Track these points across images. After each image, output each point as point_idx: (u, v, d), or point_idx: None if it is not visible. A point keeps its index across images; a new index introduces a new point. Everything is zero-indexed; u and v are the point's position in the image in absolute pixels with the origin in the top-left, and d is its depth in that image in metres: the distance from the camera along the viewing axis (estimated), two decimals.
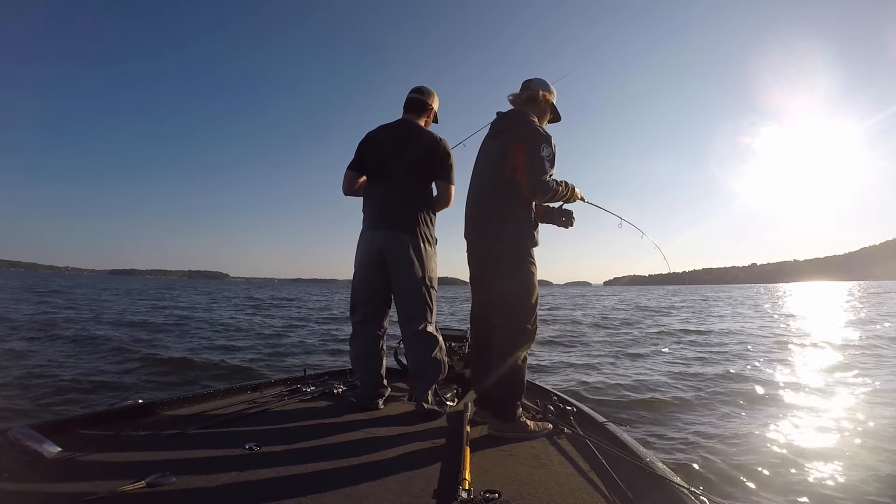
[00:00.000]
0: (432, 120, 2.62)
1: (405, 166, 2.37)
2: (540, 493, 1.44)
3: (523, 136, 2.15)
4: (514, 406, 2.05)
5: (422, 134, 2.44)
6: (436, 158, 2.40)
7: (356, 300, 2.46)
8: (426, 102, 2.53)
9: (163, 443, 1.76)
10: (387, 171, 2.40)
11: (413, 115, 2.51)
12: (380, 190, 2.40)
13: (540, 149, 2.08)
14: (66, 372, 5.80)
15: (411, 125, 2.47)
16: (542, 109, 2.32)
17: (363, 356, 2.44)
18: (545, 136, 2.13)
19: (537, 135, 2.12)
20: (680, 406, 4.77)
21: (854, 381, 5.80)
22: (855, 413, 4.42)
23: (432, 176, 2.43)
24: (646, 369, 6.86)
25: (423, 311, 2.32)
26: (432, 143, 2.41)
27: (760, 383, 5.81)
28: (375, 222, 2.38)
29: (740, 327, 13.23)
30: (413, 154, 2.38)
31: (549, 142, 2.12)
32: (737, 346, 9.48)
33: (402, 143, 2.41)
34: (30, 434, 1.54)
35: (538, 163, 2.07)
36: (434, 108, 2.57)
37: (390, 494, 1.39)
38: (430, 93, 2.55)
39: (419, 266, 2.31)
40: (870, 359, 7.52)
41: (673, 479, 1.46)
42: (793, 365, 7.15)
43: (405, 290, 2.34)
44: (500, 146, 2.22)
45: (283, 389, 2.67)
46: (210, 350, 8.18)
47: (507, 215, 2.15)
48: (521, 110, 2.30)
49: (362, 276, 2.41)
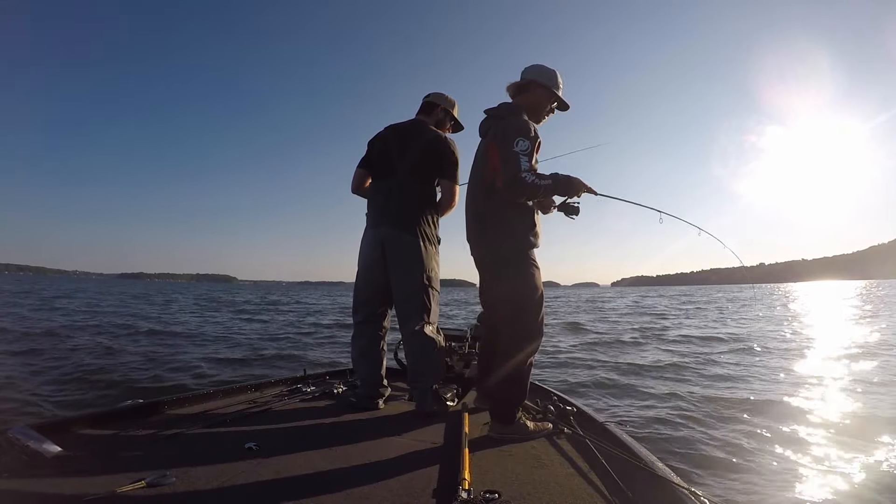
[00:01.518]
0: (449, 123, 2.62)
1: (409, 165, 2.37)
2: (540, 493, 1.43)
3: (496, 133, 2.03)
4: (514, 410, 1.99)
5: (426, 132, 2.44)
6: (440, 157, 2.40)
7: (358, 300, 2.46)
8: (434, 103, 2.56)
9: (163, 443, 1.76)
10: (391, 169, 2.40)
11: (424, 116, 2.55)
12: (383, 188, 2.41)
13: (513, 144, 1.91)
14: (65, 372, 5.82)
15: (419, 124, 2.49)
16: (535, 100, 2.17)
17: (364, 356, 2.44)
18: (521, 127, 1.96)
19: (510, 129, 1.97)
20: (680, 405, 4.74)
21: (870, 384, 5.71)
22: (864, 415, 4.36)
23: (436, 175, 2.42)
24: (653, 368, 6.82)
25: (421, 312, 2.31)
26: (436, 142, 2.41)
27: (766, 383, 5.76)
28: (377, 220, 2.38)
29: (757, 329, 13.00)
30: (417, 152, 2.38)
31: (527, 133, 1.95)
32: (742, 345, 9.38)
33: (407, 141, 2.41)
34: (30, 434, 1.55)
35: (511, 160, 1.90)
36: (441, 107, 2.57)
37: (390, 494, 1.39)
38: (442, 96, 2.59)
39: (419, 265, 2.31)
40: (886, 360, 7.38)
41: (673, 479, 1.45)
42: (802, 367, 7.07)
43: (404, 289, 2.33)
44: (482, 147, 2.17)
45: (283, 389, 2.68)
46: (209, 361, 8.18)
47: (498, 218, 2.05)
48: (508, 103, 2.18)
49: (364, 276, 2.42)
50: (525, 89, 2.17)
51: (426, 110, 2.57)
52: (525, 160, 1.91)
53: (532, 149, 1.95)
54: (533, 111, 2.16)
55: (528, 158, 1.92)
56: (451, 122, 2.63)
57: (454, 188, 2.44)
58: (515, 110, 2.11)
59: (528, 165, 1.91)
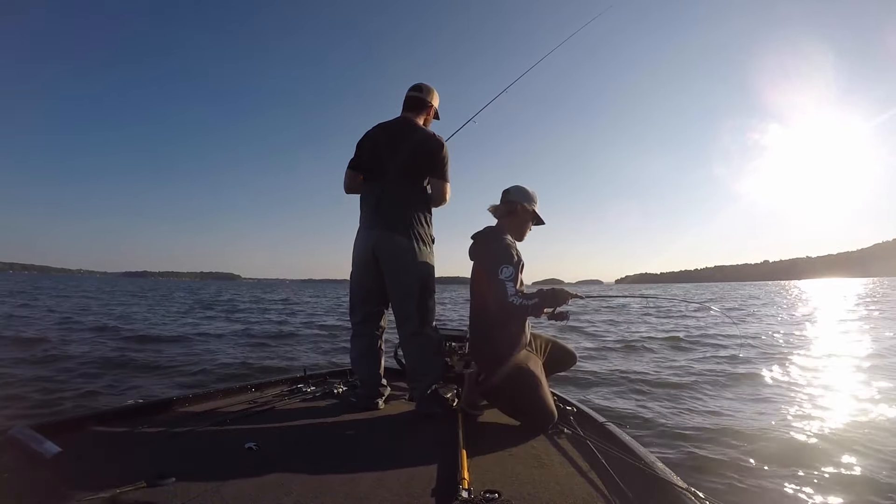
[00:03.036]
0: (433, 117, 2.59)
1: (399, 165, 2.35)
2: (540, 493, 1.43)
3: (481, 261, 2.29)
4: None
5: (416, 131, 2.40)
6: (430, 156, 2.37)
7: (354, 300, 2.46)
8: (425, 100, 2.50)
9: (163, 443, 1.77)
10: (381, 170, 2.38)
11: (412, 114, 2.49)
12: (375, 189, 2.39)
13: (497, 272, 2.12)
14: (66, 371, 5.82)
15: (407, 123, 2.45)
16: (521, 220, 2.38)
17: (363, 356, 2.44)
18: (503, 254, 2.16)
19: (493, 259, 2.17)
20: (680, 405, 4.72)
21: (878, 385, 5.66)
22: (870, 416, 4.33)
23: (427, 174, 2.39)
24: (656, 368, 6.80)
25: (417, 312, 2.30)
26: (426, 141, 2.38)
27: (769, 384, 5.73)
28: (370, 222, 2.37)
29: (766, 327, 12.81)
30: (407, 152, 2.35)
31: (509, 259, 2.15)
32: (749, 343, 9.34)
33: (397, 141, 2.38)
34: (30, 434, 1.56)
35: (498, 288, 2.11)
36: (434, 106, 2.54)
37: (390, 494, 1.39)
38: (429, 90, 2.52)
39: (413, 266, 2.30)
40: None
41: (673, 479, 1.45)
42: (810, 366, 7.03)
43: (399, 290, 2.32)
44: (473, 270, 2.36)
45: (283, 389, 2.68)
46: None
47: (498, 330, 2.21)
48: (492, 228, 2.38)
49: (359, 277, 2.41)
50: (512, 212, 2.36)
51: (415, 107, 2.49)
52: (511, 285, 2.12)
53: (516, 273, 2.15)
54: (518, 231, 2.39)
55: (514, 283, 2.13)
56: (434, 113, 2.59)
57: (444, 186, 2.41)
58: (498, 234, 2.31)
59: (514, 290, 2.12)
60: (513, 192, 2.38)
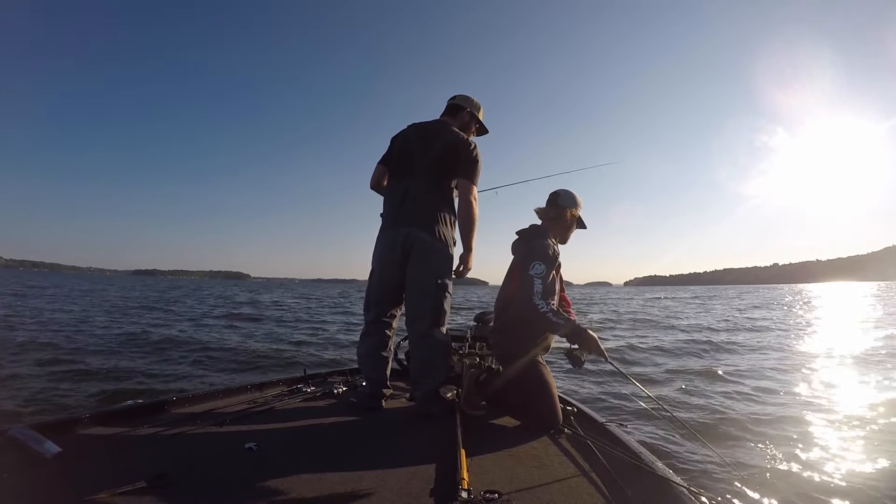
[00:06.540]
0: (474, 127, 2.62)
1: (428, 164, 2.36)
2: (540, 493, 1.42)
3: (519, 255, 2.32)
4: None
5: (449, 133, 2.42)
6: (459, 156, 2.36)
7: (370, 298, 2.45)
8: (461, 106, 2.56)
9: (163, 443, 1.77)
10: (410, 167, 2.39)
11: (448, 117, 2.55)
12: (400, 186, 2.39)
13: (529, 267, 2.15)
14: (66, 372, 5.86)
15: (441, 124, 2.48)
16: (567, 225, 2.43)
17: (371, 355, 2.43)
18: (541, 251, 2.19)
19: (531, 254, 2.19)
20: (681, 406, 4.69)
21: (883, 387, 5.59)
22: (873, 416, 4.28)
23: (455, 175, 2.38)
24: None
25: (431, 313, 2.28)
26: (457, 142, 2.39)
27: (771, 383, 5.67)
28: (394, 219, 2.36)
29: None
30: (437, 152, 2.36)
31: (545, 257, 2.16)
32: (753, 343, 9.26)
33: (430, 141, 2.40)
34: (30, 434, 1.56)
35: (525, 282, 2.13)
36: (468, 110, 2.57)
37: (390, 494, 1.38)
38: (468, 99, 2.60)
39: (436, 266, 2.29)
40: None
41: (673, 478, 1.44)
42: (814, 367, 6.96)
43: (419, 289, 2.31)
44: (511, 265, 2.38)
45: (283, 389, 2.68)
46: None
47: (522, 326, 2.22)
48: (538, 227, 2.42)
49: (379, 275, 2.41)
50: (560, 216, 2.40)
51: (451, 112, 2.56)
52: (538, 283, 2.11)
53: (548, 272, 2.16)
54: (563, 234, 2.44)
55: (542, 281, 2.13)
56: (477, 125, 2.62)
57: (471, 188, 2.35)
58: (543, 233, 2.34)
59: (541, 288, 2.11)
60: (562, 197, 2.41)
